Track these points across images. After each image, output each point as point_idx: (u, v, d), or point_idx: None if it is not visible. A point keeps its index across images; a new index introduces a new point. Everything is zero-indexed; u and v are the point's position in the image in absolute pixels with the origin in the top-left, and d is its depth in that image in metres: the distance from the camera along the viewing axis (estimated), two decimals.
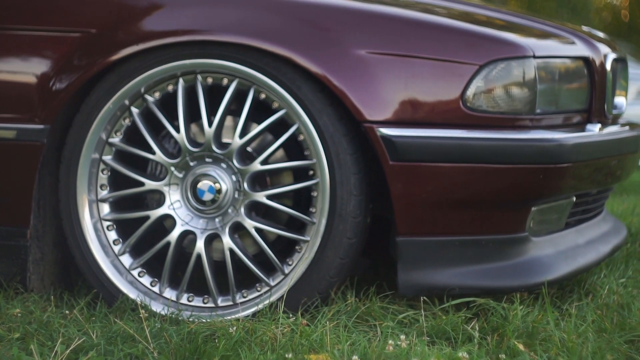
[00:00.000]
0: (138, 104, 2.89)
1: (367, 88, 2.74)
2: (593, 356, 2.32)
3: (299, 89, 2.77)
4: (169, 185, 2.90)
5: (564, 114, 3.01)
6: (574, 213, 3.16)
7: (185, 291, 2.90)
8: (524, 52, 2.81)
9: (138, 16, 2.86)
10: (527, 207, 2.86)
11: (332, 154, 2.77)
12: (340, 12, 2.83)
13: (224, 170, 2.86)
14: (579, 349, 2.32)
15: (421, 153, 2.75)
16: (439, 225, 2.80)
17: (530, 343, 2.45)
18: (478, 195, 2.79)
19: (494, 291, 2.84)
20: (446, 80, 2.77)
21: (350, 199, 2.78)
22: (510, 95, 2.80)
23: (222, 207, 2.87)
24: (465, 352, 2.29)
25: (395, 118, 2.75)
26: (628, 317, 2.65)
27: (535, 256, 2.91)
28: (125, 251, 2.93)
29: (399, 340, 2.36)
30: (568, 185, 2.91)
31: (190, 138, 2.88)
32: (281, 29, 2.78)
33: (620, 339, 2.48)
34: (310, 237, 2.81)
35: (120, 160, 2.93)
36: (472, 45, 2.80)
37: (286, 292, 2.81)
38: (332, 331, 2.48)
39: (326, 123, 2.77)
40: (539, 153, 2.78)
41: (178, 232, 2.90)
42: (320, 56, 2.75)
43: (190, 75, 2.85)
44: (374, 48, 2.76)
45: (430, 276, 2.81)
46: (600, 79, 3.12)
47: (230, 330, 2.47)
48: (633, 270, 3.43)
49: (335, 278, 2.81)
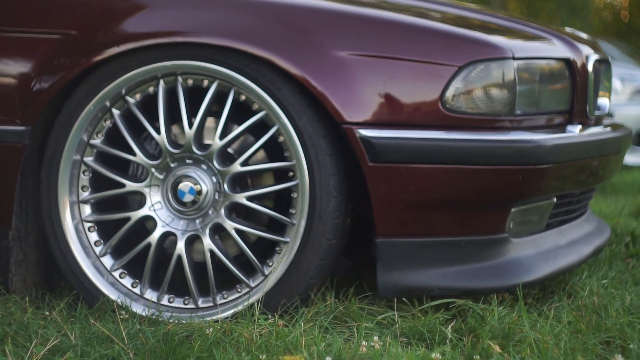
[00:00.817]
0: (119, 105, 2.90)
1: (347, 89, 2.75)
2: (565, 357, 2.32)
3: (279, 90, 2.78)
4: (150, 187, 2.91)
5: (546, 115, 3.01)
6: (555, 214, 3.17)
7: (166, 292, 2.91)
8: (503, 54, 2.81)
9: (118, 18, 2.86)
10: (506, 208, 2.87)
11: (312, 155, 2.78)
12: (319, 14, 2.84)
13: (205, 171, 2.87)
14: (551, 350, 2.33)
15: (400, 154, 2.75)
16: (418, 226, 2.81)
17: (505, 344, 2.45)
18: (457, 197, 2.80)
19: (473, 292, 2.85)
20: (425, 82, 2.77)
21: (330, 200, 2.79)
22: (489, 97, 2.81)
23: (203, 208, 2.88)
24: (439, 353, 2.29)
25: (375, 119, 2.76)
26: (605, 318, 2.65)
27: (515, 257, 2.92)
28: (106, 252, 2.94)
29: (373, 342, 2.36)
30: (548, 187, 2.92)
31: (171, 139, 2.89)
32: (261, 31, 2.79)
33: (594, 340, 2.48)
34: (290, 238, 2.82)
35: (102, 162, 2.94)
36: (451, 46, 2.81)
37: (266, 293, 2.81)
38: (309, 332, 2.48)
39: (305, 124, 2.77)
40: (517, 154, 2.79)
41: (159, 233, 2.91)
42: (299, 58, 2.76)
43: (171, 77, 2.86)
44: (353, 50, 2.77)
45: (410, 277, 2.81)
46: (581, 80, 3.13)
47: (206, 331, 2.48)
48: (616, 271, 3.43)
49: (315, 279, 2.82)
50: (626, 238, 3.99)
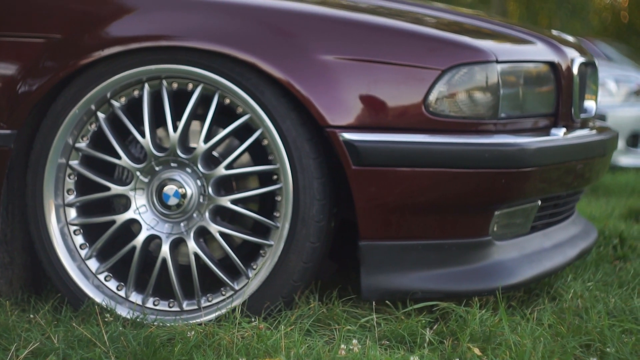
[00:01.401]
0: (104, 109, 2.91)
1: (330, 93, 2.76)
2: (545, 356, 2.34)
3: (263, 94, 2.79)
4: (135, 190, 2.92)
5: (531, 118, 3.02)
6: (540, 217, 3.18)
7: (151, 295, 2.92)
8: (487, 57, 2.82)
9: (103, 22, 2.87)
10: (490, 211, 2.88)
11: (295, 159, 2.79)
12: (302, 17, 2.85)
13: (189, 174, 2.88)
14: (529, 353, 2.34)
15: (384, 158, 2.76)
16: (401, 229, 2.82)
17: (485, 347, 2.46)
18: (440, 200, 2.80)
19: (456, 295, 2.85)
20: (409, 85, 2.78)
21: (313, 204, 2.80)
22: (473, 100, 2.81)
23: (187, 211, 2.89)
24: (417, 357, 2.30)
25: (358, 123, 2.77)
26: (586, 321, 2.66)
27: (498, 260, 2.93)
28: (91, 255, 2.95)
29: (352, 345, 2.37)
30: (531, 190, 2.93)
31: (155, 143, 2.90)
32: (245, 35, 2.80)
33: (574, 343, 2.49)
34: (274, 241, 2.83)
35: (87, 165, 2.95)
36: (434, 50, 2.82)
37: (250, 296, 2.82)
38: (290, 335, 2.49)
39: (289, 128, 2.78)
40: (500, 158, 2.79)
41: (144, 236, 2.91)
42: (283, 61, 2.77)
43: (155, 81, 2.87)
44: (336, 53, 2.78)
45: (393, 280, 2.82)
46: (566, 83, 3.14)
47: (188, 335, 2.49)
48: (602, 274, 3.44)
49: (299, 282, 2.83)
50: (614, 240, 4.00)
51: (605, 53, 14.25)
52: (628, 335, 2.56)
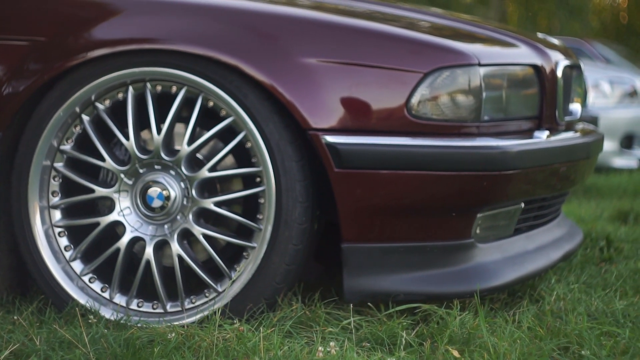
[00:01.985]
0: (89, 111, 2.92)
1: (313, 96, 2.77)
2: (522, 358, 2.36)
3: (246, 96, 2.80)
4: (119, 192, 2.93)
5: (514, 121, 3.03)
6: (525, 219, 3.19)
7: (135, 297, 2.93)
8: (469, 60, 2.83)
9: (87, 25, 2.88)
10: (472, 214, 2.89)
11: (278, 161, 2.80)
12: (285, 20, 2.87)
13: (173, 177, 2.89)
14: (505, 355, 2.35)
15: (366, 160, 2.77)
16: (384, 231, 2.83)
17: (464, 350, 2.48)
18: (423, 202, 2.82)
19: (438, 297, 2.87)
20: (391, 88, 2.80)
21: (296, 206, 2.81)
22: (455, 103, 2.83)
23: (171, 213, 2.90)
24: (395, 359, 2.31)
25: (341, 126, 2.78)
26: (565, 323, 2.67)
27: (481, 262, 2.94)
28: (76, 257, 2.96)
29: (329, 347, 2.38)
30: (513, 192, 2.94)
31: (140, 145, 2.91)
32: (228, 38, 2.81)
33: (552, 345, 2.50)
34: (257, 243, 2.84)
35: (72, 167, 2.96)
36: (416, 53, 2.83)
37: (232, 298, 2.84)
38: (271, 337, 2.50)
39: (272, 131, 2.80)
40: (482, 160, 2.81)
41: (128, 238, 2.93)
42: (267, 64, 2.78)
43: (139, 83, 2.89)
44: (319, 56, 2.79)
45: (376, 282, 2.84)
46: (550, 86, 3.15)
47: (168, 336, 2.50)
48: (588, 276, 3.45)
49: (282, 284, 2.84)
50: (601, 242, 4.01)
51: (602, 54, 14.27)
52: (606, 338, 2.57)
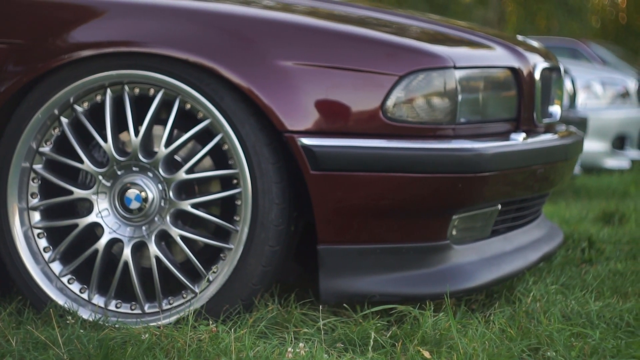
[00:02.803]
0: (67, 114, 2.94)
1: (289, 98, 2.79)
2: None
3: (222, 99, 2.82)
4: (97, 194, 2.95)
5: (492, 123, 3.05)
6: (502, 220, 3.21)
7: (113, 298, 2.95)
8: (444, 63, 2.85)
9: (65, 28, 2.91)
10: (447, 215, 2.91)
11: (254, 164, 2.82)
12: (261, 23, 2.89)
13: (151, 179, 2.91)
14: (473, 356, 2.37)
15: (342, 162, 2.79)
16: (359, 233, 2.85)
17: (435, 350, 2.49)
18: (398, 204, 2.84)
19: (413, 298, 2.88)
20: (366, 91, 2.81)
21: (272, 208, 2.83)
22: (430, 106, 2.85)
23: (149, 215, 2.92)
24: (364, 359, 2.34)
25: (316, 128, 2.80)
26: (537, 324, 2.69)
27: (457, 264, 2.96)
28: (55, 258, 2.98)
29: (299, 348, 2.40)
30: (489, 194, 2.96)
31: (118, 147, 2.93)
32: (205, 41, 2.83)
33: (522, 346, 2.52)
34: (234, 245, 2.86)
35: (51, 169, 2.98)
36: (392, 56, 2.85)
37: (209, 299, 2.86)
38: (245, 338, 2.52)
39: (248, 133, 2.82)
40: (457, 163, 2.83)
41: (106, 239, 2.95)
42: (242, 67, 2.80)
43: (118, 86, 2.91)
44: (295, 59, 2.81)
45: (351, 283, 2.86)
46: (528, 89, 3.17)
47: (142, 337, 2.52)
48: (567, 277, 3.47)
49: (258, 285, 2.86)
50: (583, 243, 4.03)
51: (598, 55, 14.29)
52: (577, 339, 2.59)
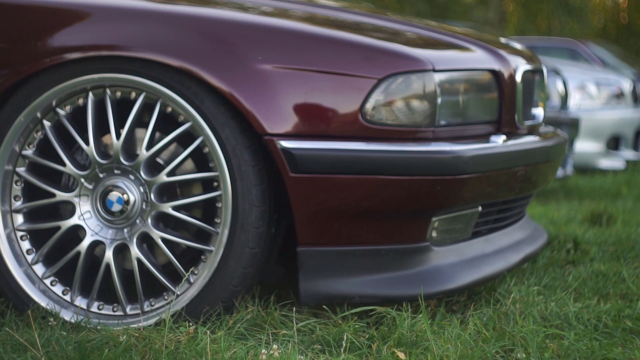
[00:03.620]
0: (50, 117, 2.97)
1: (268, 101, 2.81)
2: None
3: (202, 102, 2.84)
4: (79, 197, 2.97)
5: (473, 126, 3.07)
6: (484, 222, 3.23)
7: (95, 299, 2.97)
8: (423, 66, 2.87)
9: (47, 32, 2.93)
10: (426, 217, 2.93)
11: (234, 166, 2.84)
12: (241, 27, 2.90)
13: (132, 181, 2.93)
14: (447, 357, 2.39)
15: (321, 165, 2.81)
16: (339, 235, 2.87)
17: (411, 352, 2.51)
18: (377, 206, 2.85)
19: (393, 300, 2.90)
20: (345, 94, 2.83)
21: (252, 210, 2.85)
22: (409, 109, 2.86)
23: (131, 217, 2.94)
24: None
25: (296, 131, 2.82)
26: (513, 326, 2.71)
27: (436, 265, 2.98)
28: (38, 260, 3.00)
29: (273, 350, 2.42)
30: (468, 196, 2.97)
31: (100, 150, 2.95)
32: (185, 44, 2.85)
33: (496, 347, 2.54)
34: (214, 247, 2.88)
35: (34, 172, 3.00)
36: (370, 59, 2.87)
37: (190, 301, 2.88)
38: (222, 340, 2.54)
39: (228, 136, 2.84)
40: (435, 165, 2.85)
41: (88, 242, 2.97)
42: (223, 71, 2.82)
43: (99, 89, 2.93)
44: (274, 62, 2.83)
45: (331, 285, 2.88)
46: (509, 91, 3.18)
47: (120, 339, 2.54)
48: (550, 278, 3.49)
49: (239, 287, 2.88)
50: (568, 245, 4.05)
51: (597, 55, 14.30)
52: (552, 340, 2.61)
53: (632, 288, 3.30)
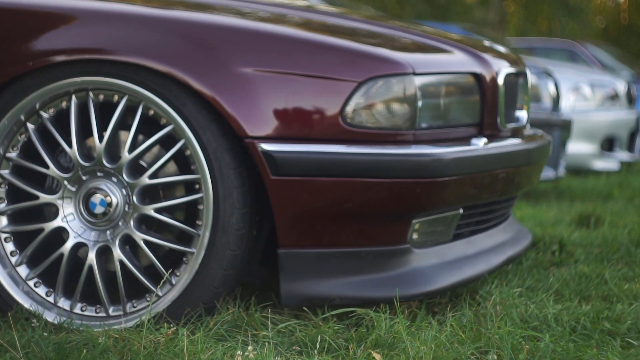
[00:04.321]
0: (34, 120, 2.99)
1: (249, 105, 2.84)
2: None
3: (184, 105, 2.86)
4: (63, 199, 2.99)
5: (454, 128, 3.09)
6: (467, 224, 3.25)
7: (79, 301, 2.99)
8: (403, 70, 2.89)
9: (31, 35, 2.95)
10: (407, 220, 2.95)
11: (215, 169, 2.86)
12: (222, 30, 2.93)
13: (115, 184, 2.96)
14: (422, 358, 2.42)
15: (301, 168, 2.84)
16: (319, 237, 2.89)
17: (387, 353, 2.54)
18: (357, 209, 2.88)
19: (373, 301, 2.92)
20: (326, 97, 2.86)
21: (233, 212, 2.87)
22: (390, 111, 2.89)
23: (113, 219, 2.96)
24: None
25: (277, 134, 2.84)
26: (490, 328, 2.73)
27: (417, 267, 3.00)
28: (22, 262, 3.02)
29: (248, 351, 2.45)
30: (448, 199, 2.99)
31: (83, 153, 2.97)
32: (166, 48, 2.88)
33: (471, 349, 2.57)
34: (196, 249, 2.90)
35: (18, 175, 3.02)
36: (350, 62, 2.89)
37: (172, 303, 2.90)
38: (199, 341, 2.57)
39: (209, 139, 2.86)
40: (415, 168, 2.87)
41: (71, 244, 2.99)
42: (204, 74, 2.85)
43: (82, 92, 2.95)
44: (255, 66, 2.85)
45: (312, 287, 2.90)
46: (491, 94, 3.20)
47: (99, 340, 2.57)
48: (534, 280, 3.51)
49: (220, 289, 2.91)
50: (554, 246, 4.07)
51: (596, 56, 14.30)
52: (528, 342, 2.63)
53: (613, 290, 3.32)
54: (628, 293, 3.31)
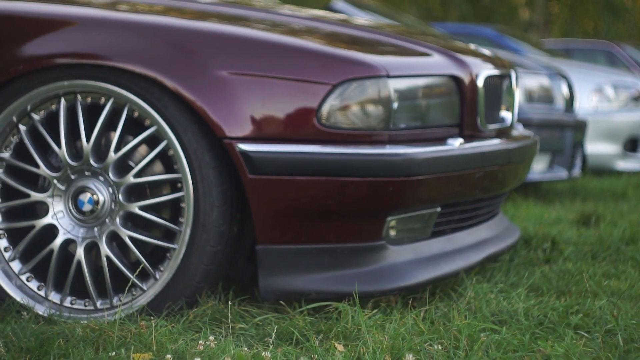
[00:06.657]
0: (25, 121, 3.13)
1: (227, 106, 2.96)
2: (393, 352, 2.52)
3: (166, 107, 2.99)
4: (53, 197, 3.13)
5: (433, 129, 3.19)
6: (447, 221, 3.34)
7: (68, 295, 3.13)
8: (377, 72, 3.00)
9: (21, 41, 3.09)
10: (381, 217, 3.05)
11: (196, 168, 2.99)
12: (201, 35, 3.05)
13: (102, 182, 3.09)
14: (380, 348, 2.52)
15: (278, 167, 2.95)
16: (296, 234, 3.01)
17: (349, 344, 2.64)
18: (332, 207, 2.98)
19: (348, 296, 3.02)
20: (301, 99, 2.97)
21: (213, 210, 2.99)
22: (364, 113, 2.99)
23: (100, 217, 3.09)
24: (269, 352, 2.49)
25: (254, 134, 2.96)
26: (453, 321, 2.82)
27: (392, 263, 3.10)
28: (15, 257, 3.16)
29: (209, 341, 2.57)
30: (423, 197, 3.09)
31: (72, 153, 3.11)
32: (149, 52, 3.00)
33: (428, 339, 2.66)
34: (178, 245, 3.03)
35: (11, 174, 3.16)
36: (325, 65, 3.00)
37: (155, 296, 3.03)
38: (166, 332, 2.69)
39: (190, 139, 2.98)
40: (388, 167, 2.97)
41: (60, 240, 3.13)
42: (184, 77, 2.97)
43: (71, 95, 3.09)
44: (233, 69, 2.97)
45: (289, 282, 3.01)
46: (470, 95, 3.29)
47: (76, 331, 2.70)
48: (519, 277, 3.58)
49: (202, 283, 3.03)
50: (546, 244, 4.14)
51: (633, 57, 14.25)
52: (486, 334, 2.71)
53: (592, 286, 3.39)
54: (606, 289, 3.38)
